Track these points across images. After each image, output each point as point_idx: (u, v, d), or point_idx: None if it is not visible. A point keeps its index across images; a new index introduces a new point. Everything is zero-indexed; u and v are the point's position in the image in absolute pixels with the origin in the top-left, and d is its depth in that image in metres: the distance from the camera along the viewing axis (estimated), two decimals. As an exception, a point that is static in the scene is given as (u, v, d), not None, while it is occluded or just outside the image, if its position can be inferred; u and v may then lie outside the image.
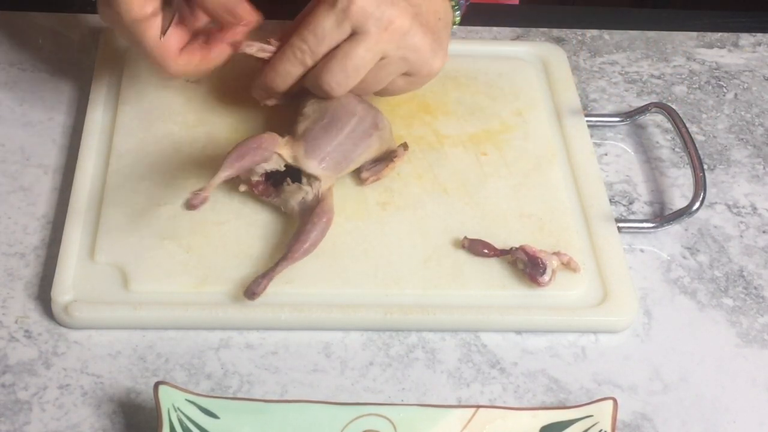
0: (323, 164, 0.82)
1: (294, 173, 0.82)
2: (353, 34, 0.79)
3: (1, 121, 0.92)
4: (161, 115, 0.91)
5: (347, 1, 0.78)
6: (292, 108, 0.86)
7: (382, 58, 0.81)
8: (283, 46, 0.82)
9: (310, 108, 0.84)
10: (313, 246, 0.79)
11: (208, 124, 0.90)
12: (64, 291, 0.77)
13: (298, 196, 0.82)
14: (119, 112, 0.91)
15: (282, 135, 0.82)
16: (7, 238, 0.83)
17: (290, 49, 0.81)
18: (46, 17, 1.02)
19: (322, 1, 0.79)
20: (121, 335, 0.77)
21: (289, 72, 0.82)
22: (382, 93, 0.86)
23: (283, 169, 0.82)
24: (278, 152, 0.81)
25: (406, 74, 0.84)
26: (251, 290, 0.77)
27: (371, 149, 0.85)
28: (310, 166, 0.81)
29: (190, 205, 0.76)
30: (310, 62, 0.81)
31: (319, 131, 0.83)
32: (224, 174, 0.78)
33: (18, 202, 0.85)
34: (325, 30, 0.79)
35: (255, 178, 0.82)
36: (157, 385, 0.69)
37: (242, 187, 0.83)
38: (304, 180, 0.81)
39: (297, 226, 0.81)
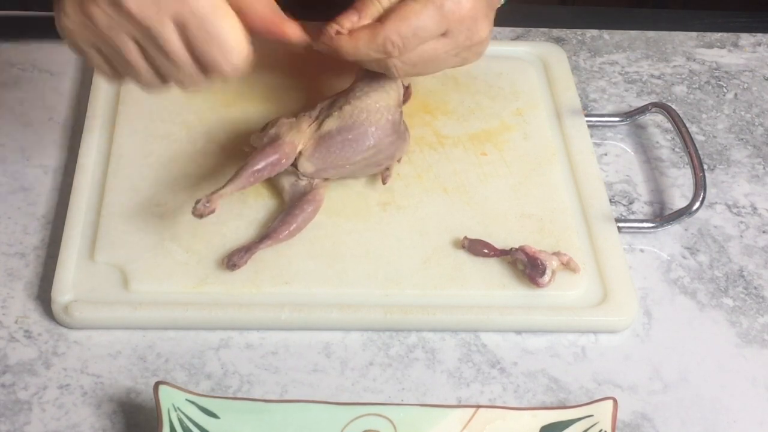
0: (320, 174, 0.83)
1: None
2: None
3: (1, 121, 0.92)
4: (161, 115, 0.91)
5: (452, 5, 0.78)
6: (294, 106, 0.86)
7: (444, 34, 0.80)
8: (371, 30, 0.78)
9: (349, 108, 0.83)
10: (297, 230, 0.81)
11: (208, 124, 0.90)
12: (64, 291, 0.77)
13: (291, 178, 0.83)
14: (119, 112, 0.91)
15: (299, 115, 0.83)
16: (7, 238, 0.83)
17: (383, 40, 0.78)
18: (46, 17, 1.02)
19: (428, 1, 0.78)
20: (121, 335, 0.77)
21: (368, 54, 0.79)
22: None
23: None
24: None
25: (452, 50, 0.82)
26: (233, 262, 0.79)
27: (372, 172, 0.86)
28: (307, 168, 0.82)
29: (197, 214, 0.76)
30: (396, 55, 0.79)
31: (338, 145, 0.82)
32: (238, 186, 0.79)
33: (18, 202, 0.85)
34: (424, 29, 0.78)
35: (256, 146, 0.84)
36: (157, 385, 0.69)
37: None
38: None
39: (285, 208, 0.82)
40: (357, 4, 0.80)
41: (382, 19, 0.78)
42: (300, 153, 0.82)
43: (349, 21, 0.79)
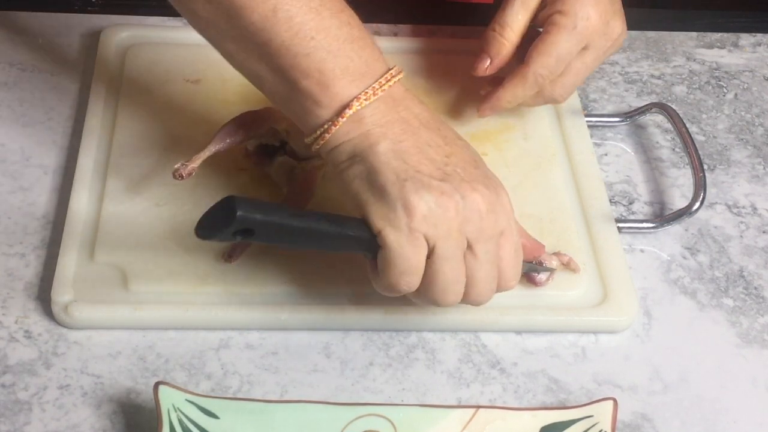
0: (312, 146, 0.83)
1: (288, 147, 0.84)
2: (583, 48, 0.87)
3: (1, 121, 0.92)
4: (161, 114, 0.91)
5: (583, 23, 0.85)
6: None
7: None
8: (519, 73, 0.87)
9: None
10: None
11: (208, 124, 0.90)
12: (64, 291, 0.77)
13: (286, 167, 0.83)
14: (119, 112, 0.91)
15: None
16: (7, 238, 0.82)
17: (532, 76, 0.86)
18: (46, 17, 1.02)
19: (560, 28, 0.85)
20: (121, 335, 0.77)
21: (525, 94, 0.88)
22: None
23: (277, 144, 0.83)
24: (274, 127, 0.82)
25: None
26: (229, 254, 0.79)
27: None
28: (299, 143, 0.82)
29: (176, 175, 0.77)
30: (547, 84, 0.87)
31: None
32: (215, 147, 0.80)
33: (18, 202, 0.85)
34: (565, 53, 0.85)
35: (250, 149, 0.84)
36: (157, 385, 0.69)
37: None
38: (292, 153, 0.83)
39: (282, 198, 0.83)
40: (484, 47, 0.88)
41: (525, 60, 0.86)
42: (288, 132, 0.82)
43: (483, 64, 0.88)
